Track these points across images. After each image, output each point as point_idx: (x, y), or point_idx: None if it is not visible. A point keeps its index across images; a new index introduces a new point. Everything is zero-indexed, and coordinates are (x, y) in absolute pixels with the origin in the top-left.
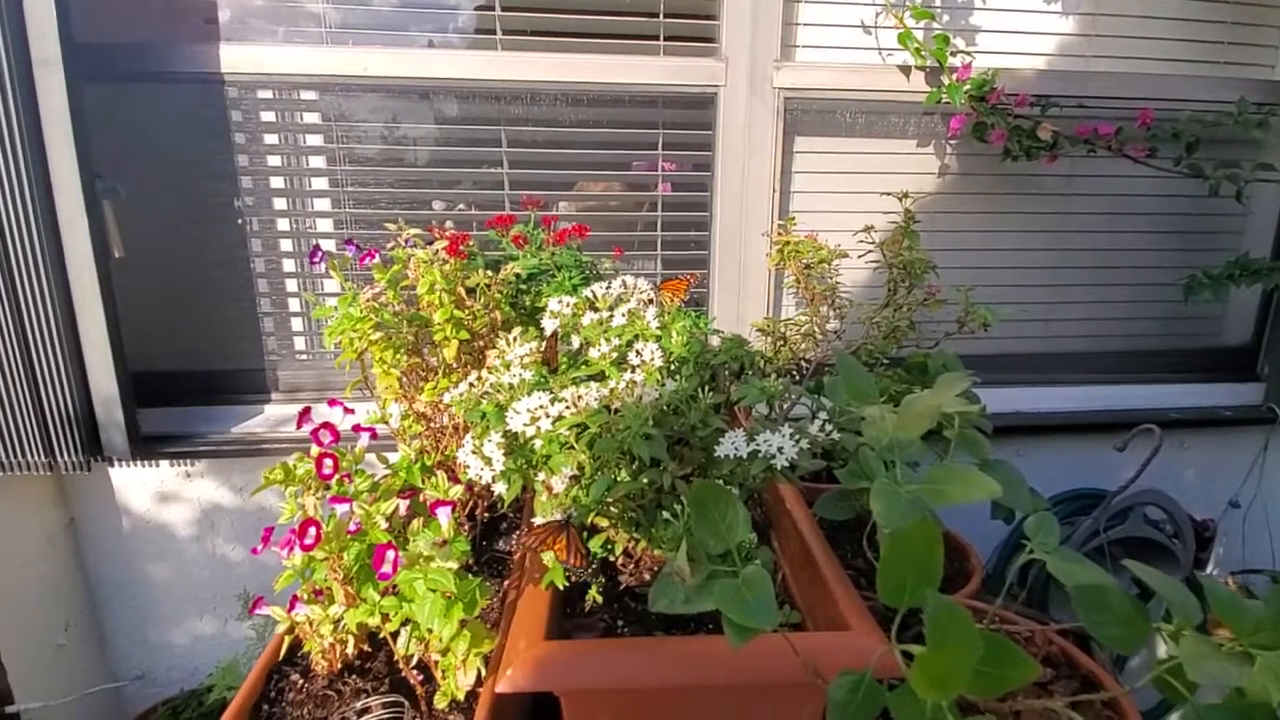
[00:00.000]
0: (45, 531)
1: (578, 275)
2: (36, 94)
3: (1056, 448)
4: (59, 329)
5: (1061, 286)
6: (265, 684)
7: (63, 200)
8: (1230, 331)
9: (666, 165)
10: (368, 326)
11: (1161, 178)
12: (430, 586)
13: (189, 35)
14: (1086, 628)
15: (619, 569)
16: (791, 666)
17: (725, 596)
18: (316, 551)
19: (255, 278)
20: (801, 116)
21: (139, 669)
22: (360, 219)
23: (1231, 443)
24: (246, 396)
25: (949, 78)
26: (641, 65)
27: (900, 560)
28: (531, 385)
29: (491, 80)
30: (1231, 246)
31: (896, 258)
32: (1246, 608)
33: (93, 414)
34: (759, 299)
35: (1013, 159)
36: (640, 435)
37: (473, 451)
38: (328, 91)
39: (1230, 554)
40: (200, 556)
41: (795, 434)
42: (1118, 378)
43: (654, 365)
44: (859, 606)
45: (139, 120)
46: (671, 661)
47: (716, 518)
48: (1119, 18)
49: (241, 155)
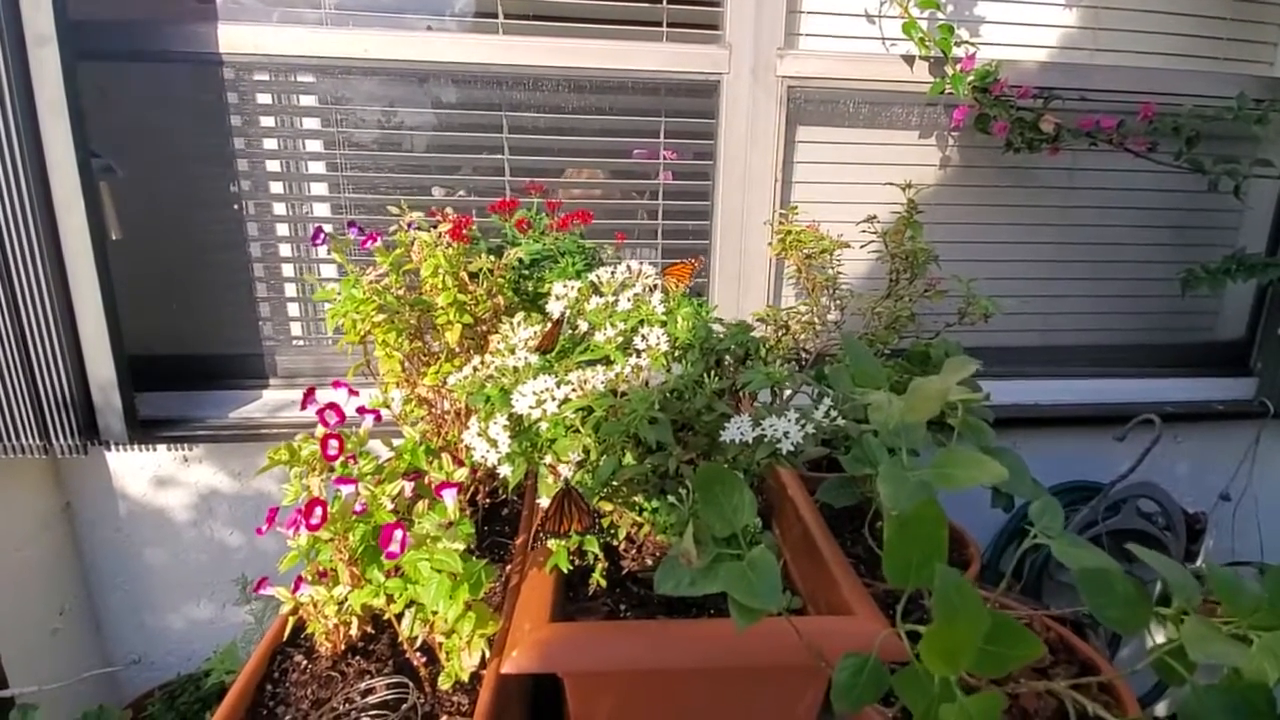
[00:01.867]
0: (41, 515)
1: (581, 261)
2: (30, 70)
3: (1051, 440)
4: (55, 311)
5: (1060, 280)
6: (269, 664)
7: (58, 180)
8: (1224, 326)
9: (668, 153)
10: (371, 309)
11: (1161, 172)
12: (436, 567)
13: (186, 14)
14: (1090, 609)
15: (621, 554)
16: (795, 650)
17: (731, 579)
18: (322, 532)
19: (252, 262)
20: (804, 106)
21: (135, 653)
22: (359, 204)
23: (1223, 436)
24: (245, 381)
25: (953, 68)
26: (644, 51)
27: (906, 541)
28: (537, 369)
29: (493, 64)
30: (1228, 242)
31: (899, 248)
32: (1245, 589)
33: (89, 397)
34: (759, 289)
35: (1014, 151)
36: (646, 419)
37: (478, 434)
38: (327, 74)
39: (1220, 546)
40: (197, 541)
41: (801, 419)
42: (1113, 371)
43: (659, 350)
44: (861, 591)
45: (136, 100)
46: (675, 644)
47: (723, 501)
48: (1122, 11)
49: (239, 138)
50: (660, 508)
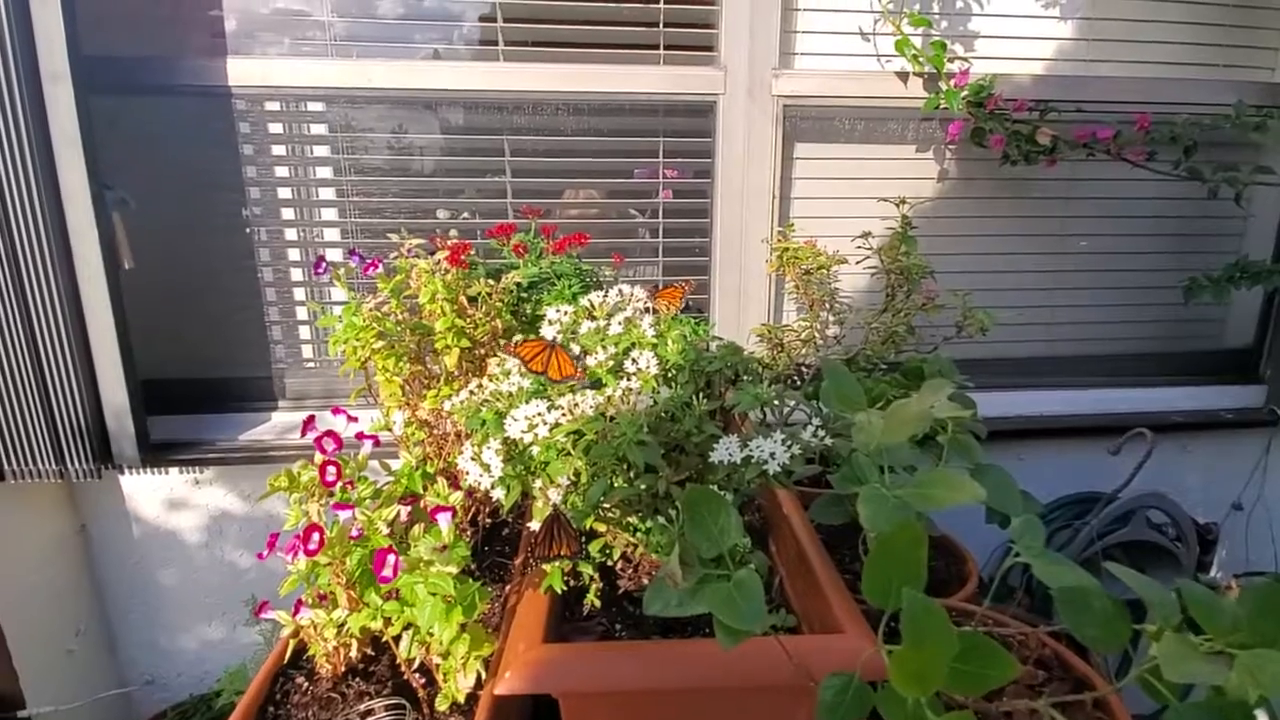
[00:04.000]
0: (57, 538)
1: (577, 283)
2: (45, 106)
3: (1058, 451)
4: (70, 338)
5: (1062, 290)
6: (271, 687)
7: (72, 211)
8: (1231, 334)
9: (667, 173)
10: (370, 336)
11: (1162, 180)
12: (430, 590)
13: (196, 48)
14: (1069, 628)
15: (617, 573)
16: (784, 669)
17: (717, 600)
18: (320, 557)
19: (263, 286)
20: (800, 123)
21: (148, 674)
22: (366, 228)
23: (1233, 445)
24: (254, 404)
25: (947, 84)
26: (642, 74)
27: (885, 562)
28: (530, 393)
29: (494, 91)
30: (1232, 249)
31: (894, 263)
32: (1222, 607)
33: (103, 422)
34: (760, 305)
35: (1011, 163)
36: (635, 442)
37: (472, 458)
38: (333, 103)
39: (1234, 556)
40: (209, 563)
41: (788, 440)
42: (1119, 381)
43: (649, 373)
44: (852, 610)
45: (148, 132)
46: (666, 664)
47: (709, 522)
48: (1117, 22)
49: (249, 166)
50: (653, 528)
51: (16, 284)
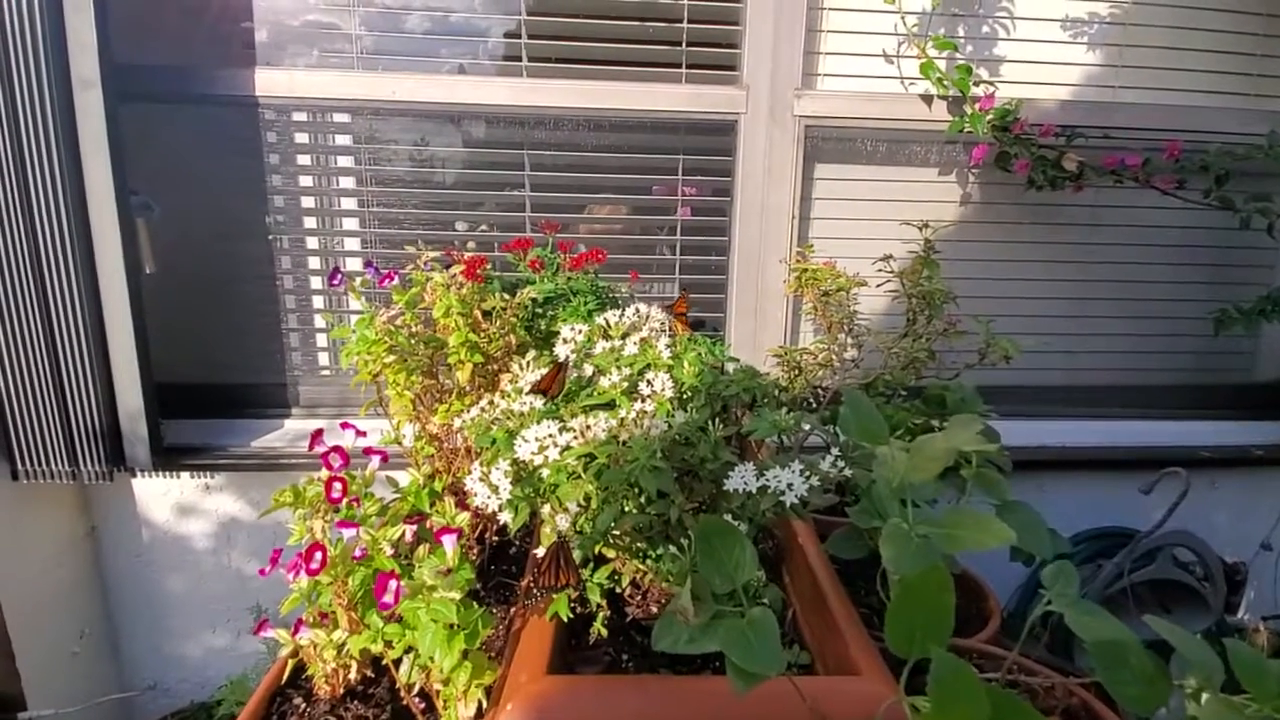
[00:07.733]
0: (67, 539)
1: (593, 301)
2: (75, 112)
3: (1082, 484)
4: (88, 341)
5: (1087, 319)
6: (268, 706)
7: (97, 216)
8: (1262, 368)
9: (686, 190)
10: (382, 349)
11: (1192, 209)
12: (433, 617)
13: (226, 58)
14: (1104, 685)
15: (626, 601)
16: (798, 711)
17: (730, 639)
18: (322, 576)
19: (282, 294)
20: (822, 144)
21: (151, 679)
22: (385, 238)
23: (1263, 483)
24: (268, 411)
25: (971, 107)
26: (663, 92)
27: (909, 608)
28: (541, 414)
29: (516, 106)
30: (1263, 280)
31: (915, 287)
32: (1269, 669)
33: (117, 425)
34: (776, 325)
35: (1037, 189)
36: (647, 468)
37: (480, 479)
38: (358, 115)
39: (1262, 597)
40: (216, 569)
41: (806, 470)
42: (1146, 413)
43: (665, 395)
44: (869, 650)
45: (174, 140)
46: (673, 701)
47: (723, 555)
48: (1146, 49)
49: (274, 175)
50: (664, 556)
51: (39, 286)
